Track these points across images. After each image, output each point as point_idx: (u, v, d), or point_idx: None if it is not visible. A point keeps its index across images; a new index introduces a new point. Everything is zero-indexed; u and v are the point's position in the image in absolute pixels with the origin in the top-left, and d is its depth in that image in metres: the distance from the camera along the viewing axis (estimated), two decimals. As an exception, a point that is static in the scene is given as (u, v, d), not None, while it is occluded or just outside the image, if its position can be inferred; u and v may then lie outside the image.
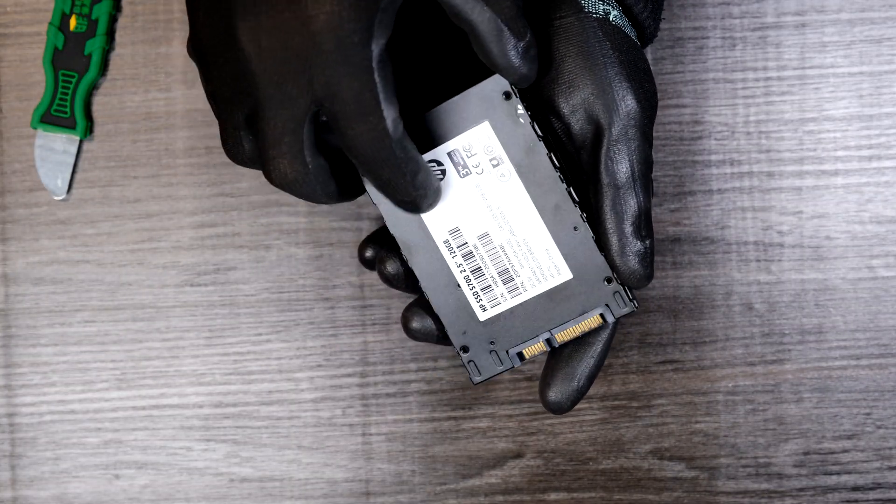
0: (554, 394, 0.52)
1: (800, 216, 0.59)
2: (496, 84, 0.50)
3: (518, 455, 0.60)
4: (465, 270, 0.51)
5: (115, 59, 0.59)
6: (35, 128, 0.59)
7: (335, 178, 0.49)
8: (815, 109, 0.59)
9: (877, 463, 0.60)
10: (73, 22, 0.58)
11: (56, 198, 0.59)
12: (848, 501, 0.60)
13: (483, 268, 0.51)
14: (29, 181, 0.60)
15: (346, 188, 0.50)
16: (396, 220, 0.51)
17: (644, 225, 0.50)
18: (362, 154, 0.47)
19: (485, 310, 0.51)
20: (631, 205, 0.50)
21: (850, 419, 0.60)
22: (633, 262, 0.50)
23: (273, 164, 0.48)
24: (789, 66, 0.59)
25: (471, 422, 0.60)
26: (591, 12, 0.50)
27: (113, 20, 0.59)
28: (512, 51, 0.48)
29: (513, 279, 0.51)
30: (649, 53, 0.59)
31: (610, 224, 0.50)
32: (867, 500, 0.60)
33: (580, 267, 0.50)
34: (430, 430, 0.60)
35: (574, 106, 0.50)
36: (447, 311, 0.51)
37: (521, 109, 0.50)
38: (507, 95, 0.50)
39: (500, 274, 0.51)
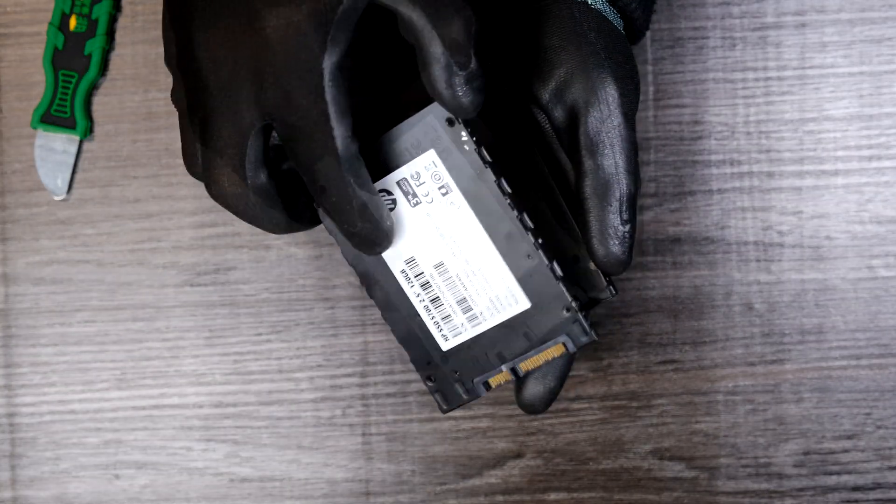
0: (527, 395, 0.53)
1: (800, 216, 0.59)
2: (439, 111, 0.49)
3: (518, 455, 0.60)
4: (423, 300, 0.51)
5: (115, 59, 0.59)
6: (35, 128, 0.59)
7: (285, 202, 0.48)
8: (815, 109, 0.59)
9: (877, 463, 0.60)
10: (73, 22, 0.58)
11: (56, 198, 0.59)
12: (848, 501, 0.60)
13: (441, 297, 0.50)
14: (29, 181, 0.60)
15: (297, 214, 0.49)
16: (352, 250, 0.50)
17: (626, 209, 0.49)
18: (309, 173, 0.46)
19: (447, 339, 0.51)
20: (612, 187, 0.49)
21: (850, 419, 0.60)
22: (611, 246, 0.49)
23: (213, 176, 0.47)
24: (789, 66, 0.59)
25: (471, 422, 0.60)
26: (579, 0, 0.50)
27: (113, 20, 0.59)
28: (454, 80, 0.46)
29: (471, 308, 0.50)
30: (649, 53, 0.59)
31: (590, 206, 0.49)
32: (867, 500, 0.60)
33: (538, 295, 0.49)
34: (430, 430, 0.60)
35: (553, 91, 0.50)
36: (410, 341, 0.51)
37: (465, 136, 0.49)
38: (451, 122, 0.49)
39: (458, 303, 0.50)
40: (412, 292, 0.50)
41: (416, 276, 0.50)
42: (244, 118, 0.46)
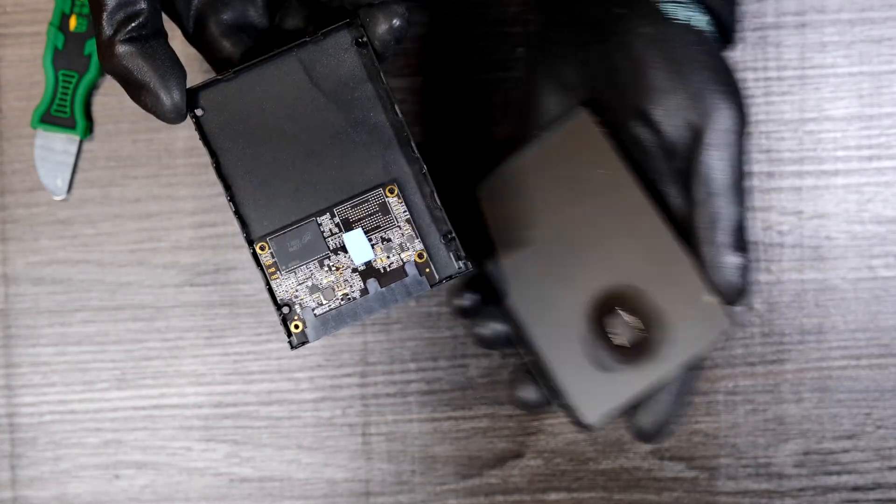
0: (642, 421, 0.51)
1: (800, 216, 0.59)
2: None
3: (518, 455, 0.60)
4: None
5: (115, 59, 0.59)
6: (35, 128, 0.59)
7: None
8: (815, 109, 0.59)
9: (877, 463, 0.60)
10: (73, 22, 0.58)
11: (56, 198, 0.59)
12: (848, 501, 0.60)
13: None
14: (29, 181, 0.60)
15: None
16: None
17: (740, 239, 0.49)
18: None
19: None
20: (727, 214, 0.48)
21: (850, 419, 0.60)
22: (729, 275, 0.49)
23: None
24: (789, 66, 0.59)
25: (471, 422, 0.60)
26: (675, 19, 0.49)
27: (113, 20, 0.59)
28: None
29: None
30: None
31: (703, 237, 0.49)
32: (867, 500, 0.60)
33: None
34: (430, 430, 0.60)
35: (668, 111, 0.49)
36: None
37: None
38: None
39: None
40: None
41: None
42: None
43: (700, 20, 0.50)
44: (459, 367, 0.60)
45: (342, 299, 0.48)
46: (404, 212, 0.48)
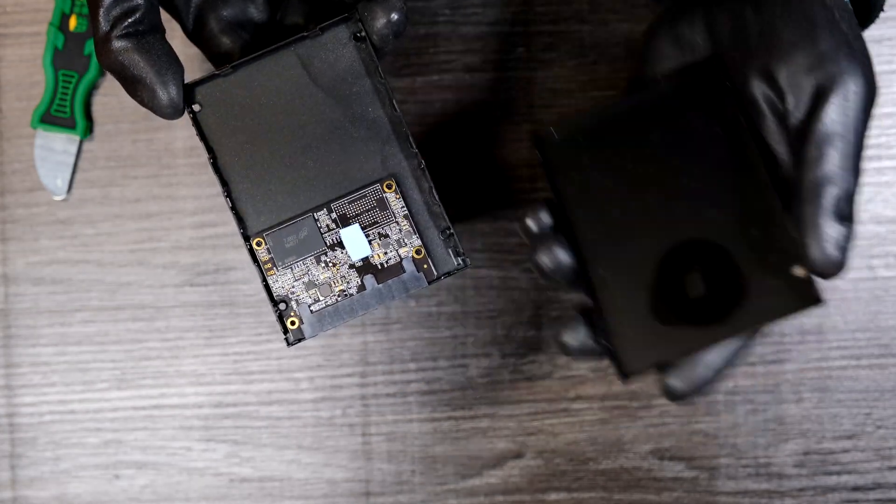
0: (674, 380, 0.49)
1: (800, 216, 0.59)
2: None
3: (518, 455, 0.60)
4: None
5: (115, 59, 0.59)
6: (35, 128, 0.59)
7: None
8: (815, 109, 0.59)
9: (877, 463, 0.60)
10: (73, 22, 0.58)
11: (56, 198, 0.59)
12: (848, 501, 0.60)
13: None
14: (29, 181, 0.60)
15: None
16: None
17: (846, 207, 0.46)
18: None
19: None
20: (838, 179, 0.46)
21: (850, 419, 0.60)
22: (827, 248, 0.46)
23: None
24: (789, 66, 0.59)
25: (471, 422, 0.60)
26: None
27: (113, 20, 0.59)
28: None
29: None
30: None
31: (808, 199, 0.46)
32: (867, 500, 0.60)
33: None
34: (430, 430, 0.60)
35: (794, 73, 0.47)
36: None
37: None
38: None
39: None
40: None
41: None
42: None
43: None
44: (459, 367, 0.60)
45: (339, 296, 0.48)
46: (402, 207, 0.48)
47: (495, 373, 0.60)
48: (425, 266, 0.48)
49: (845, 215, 0.46)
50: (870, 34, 0.59)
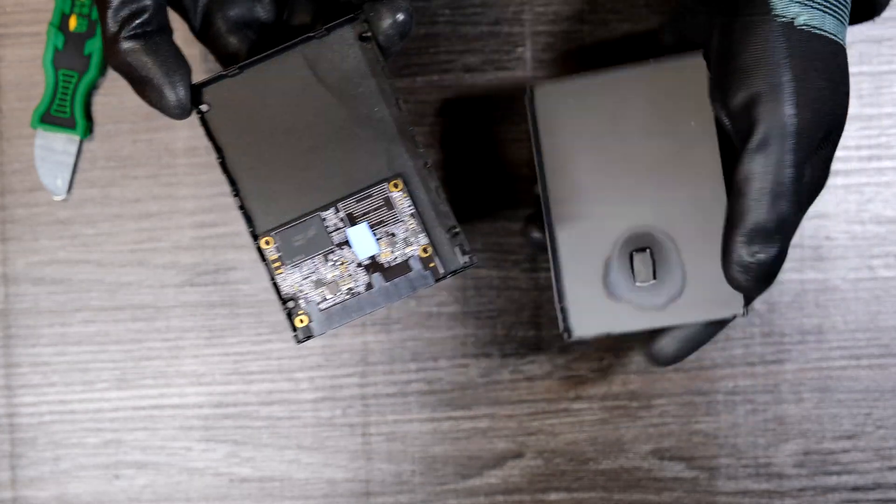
0: (661, 344, 0.54)
1: (800, 216, 0.59)
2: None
3: (518, 455, 0.60)
4: None
5: (115, 59, 0.59)
6: (35, 128, 0.59)
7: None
8: (815, 109, 0.59)
9: (877, 463, 0.60)
10: (73, 22, 0.58)
11: (56, 198, 0.59)
12: (848, 501, 0.60)
13: None
14: (29, 181, 0.60)
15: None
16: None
17: (758, 241, 0.48)
18: None
19: None
20: (748, 215, 0.48)
21: (850, 419, 0.60)
22: (733, 272, 0.49)
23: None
24: (789, 66, 0.59)
25: (471, 422, 0.60)
26: (778, 15, 0.48)
27: (113, 20, 0.59)
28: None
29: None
30: (649, 53, 0.59)
31: (726, 227, 0.49)
32: (867, 500, 0.60)
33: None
34: (430, 430, 0.60)
35: (738, 104, 0.49)
36: None
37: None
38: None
39: None
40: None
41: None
42: None
43: (808, 19, 0.49)
44: (459, 367, 0.60)
45: (347, 294, 0.48)
46: (409, 206, 0.48)
47: (495, 373, 0.60)
48: (432, 264, 0.48)
49: (757, 247, 0.48)
50: (870, 34, 0.59)
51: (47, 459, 0.60)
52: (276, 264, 0.48)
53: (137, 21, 0.46)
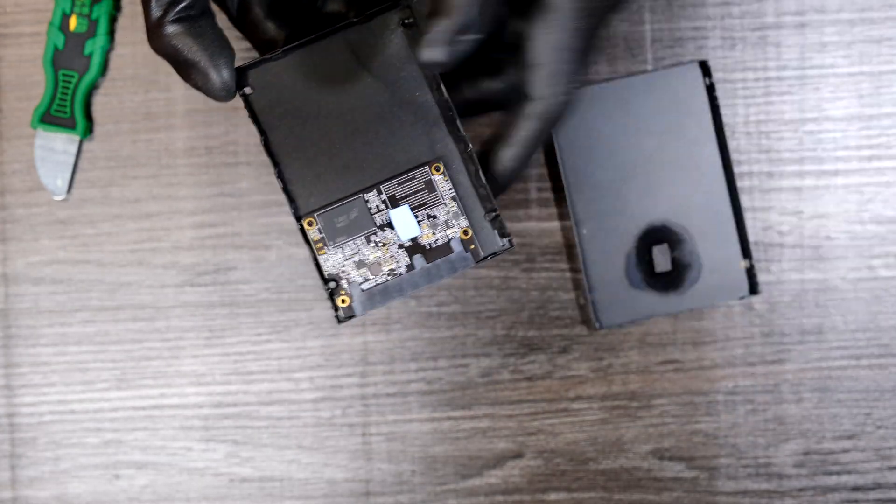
0: (500, 156, 0.50)
1: (800, 216, 0.59)
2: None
3: (518, 455, 0.60)
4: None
5: (115, 59, 0.59)
6: (35, 128, 0.59)
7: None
8: (815, 109, 0.59)
9: (877, 463, 0.60)
10: (73, 22, 0.58)
11: (56, 198, 0.59)
12: (848, 501, 0.60)
13: None
14: (29, 181, 0.60)
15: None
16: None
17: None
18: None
19: None
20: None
21: (850, 419, 0.60)
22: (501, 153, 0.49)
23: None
24: (789, 66, 0.59)
25: (471, 422, 0.60)
26: None
27: (113, 20, 0.59)
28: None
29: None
30: (649, 53, 0.59)
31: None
32: (867, 500, 0.60)
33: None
34: (430, 430, 0.60)
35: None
36: None
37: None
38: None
39: None
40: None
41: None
42: None
43: None
44: (459, 367, 0.60)
45: (388, 274, 0.49)
46: (450, 189, 0.49)
47: (495, 373, 0.60)
48: (472, 246, 0.49)
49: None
50: (870, 34, 0.59)
51: (47, 459, 0.60)
52: (319, 245, 0.49)
53: (181, 5, 0.47)
